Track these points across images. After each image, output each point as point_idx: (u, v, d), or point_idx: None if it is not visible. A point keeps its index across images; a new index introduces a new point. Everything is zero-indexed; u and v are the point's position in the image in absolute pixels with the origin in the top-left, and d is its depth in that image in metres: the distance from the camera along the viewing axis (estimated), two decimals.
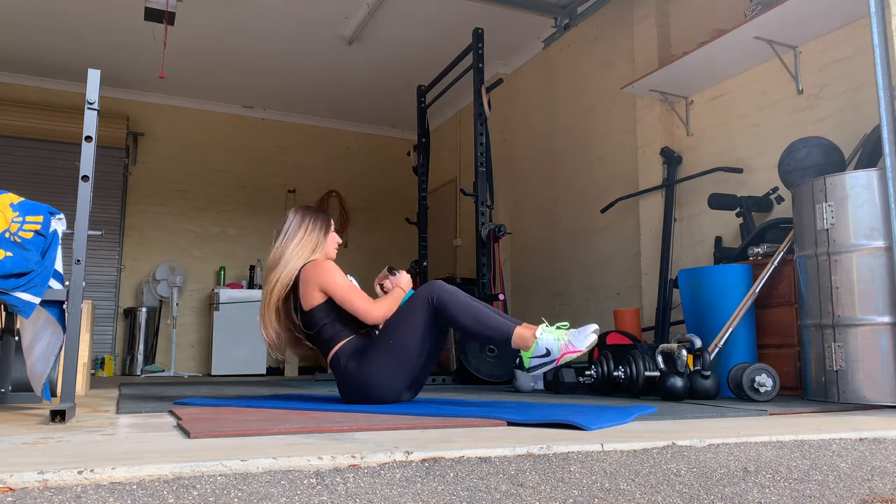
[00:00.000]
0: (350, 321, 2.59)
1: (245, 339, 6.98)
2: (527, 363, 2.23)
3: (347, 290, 2.55)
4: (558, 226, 5.94)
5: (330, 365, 2.58)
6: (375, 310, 2.53)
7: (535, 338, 2.21)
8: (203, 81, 7.24)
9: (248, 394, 3.28)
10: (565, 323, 2.30)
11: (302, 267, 2.62)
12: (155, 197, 7.48)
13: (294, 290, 2.63)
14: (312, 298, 2.57)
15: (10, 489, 1.06)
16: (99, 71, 2.29)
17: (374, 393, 2.48)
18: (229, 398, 2.82)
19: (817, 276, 2.94)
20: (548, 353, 2.19)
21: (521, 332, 2.26)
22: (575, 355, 2.17)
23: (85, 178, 2.21)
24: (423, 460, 1.34)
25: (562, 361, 2.18)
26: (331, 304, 2.57)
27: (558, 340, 2.20)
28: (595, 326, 2.23)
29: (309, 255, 2.65)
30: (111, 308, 7.08)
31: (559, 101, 6.02)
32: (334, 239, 2.76)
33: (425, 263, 5.81)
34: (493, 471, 1.32)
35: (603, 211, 5.15)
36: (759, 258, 3.55)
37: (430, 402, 2.60)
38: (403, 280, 2.70)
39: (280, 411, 2.26)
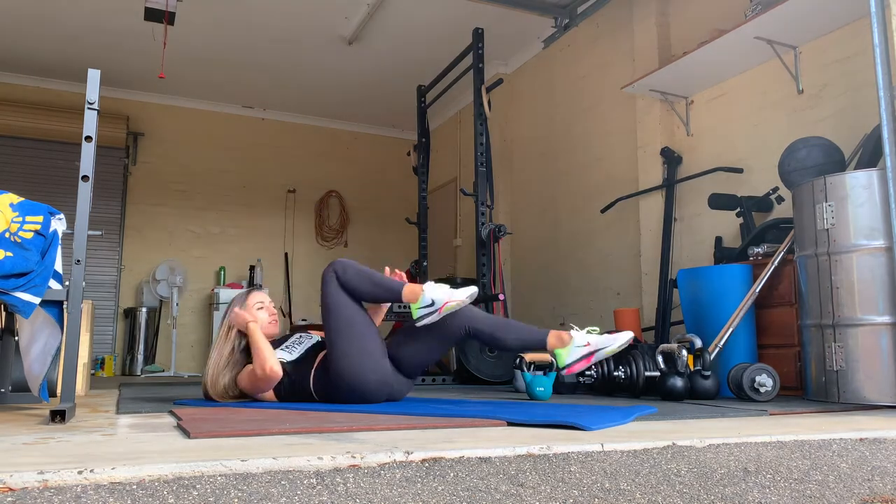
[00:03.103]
0: (302, 363, 2.62)
1: None
2: (415, 314, 2.45)
3: (252, 384, 2.57)
4: (558, 226, 5.94)
5: (315, 391, 2.59)
6: (264, 369, 2.51)
7: (422, 290, 2.44)
8: (203, 81, 7.24)
9: None
10: (445, 284, 2.53)
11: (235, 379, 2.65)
12: (155, 197, 7.48)
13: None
14: (269, 396, 2.62)
15: (10, 489, 1.06)
16: (99, 71, 2.29)
17: (362, 381, 2.48)
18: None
19: (817, 276, 2.94)
20: (432, 304, 2.41)
21: (410, 286, 2.51)
22: (455, 304, 2.39)
23: (85, 178, 2.21)
24: (423, 460, 1.34)
25: (444, 311, 2.39)
26: (277, 387, 2.59)
27: (441, 292, 2.43)
28: (473, 289, 2.44)
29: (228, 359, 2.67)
30: (111, 308, 7.08)
31: (559, 101, 6.02)
32: (252, 312, 2.71)
33: (425, 263, 5.81)
34: (493, 471, 1.32)
35: (603, 211, 5.15)
36: (760, 258, 3.55)
37: (430, 402, 2.60)
38: (242, 318, 2.67)
39: (280, 411, 2.25)
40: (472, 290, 2.42)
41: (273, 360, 2.51)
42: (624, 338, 2.39)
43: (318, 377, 2.57)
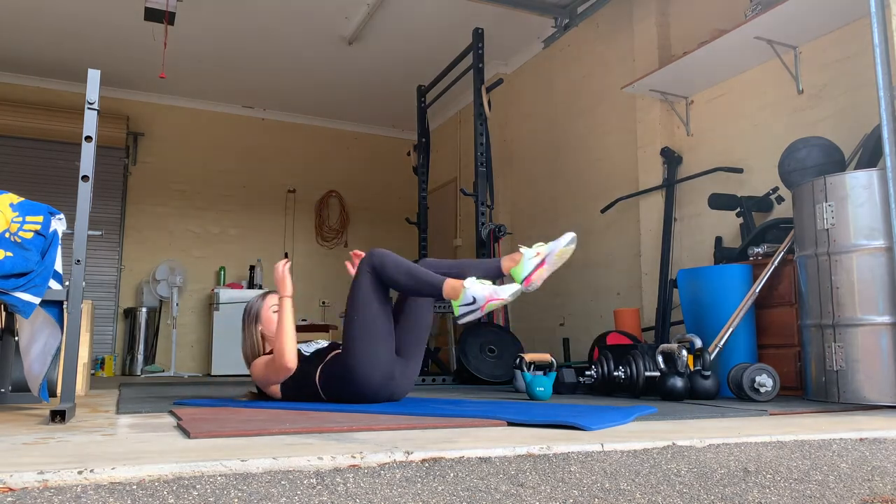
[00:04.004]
0: (312, 359, 2.64)
1: None
2: (456, 311, 2.40)
3: (268, 371, 2.60)
4: (558, 226, 5.93)
5: (321, 387, 2.60)
6: (282, 354, 2.53)
7: (464, 287, 2.38)
8: (203, 81, 7.24)
9: None
10: (486, 281, 2.48)
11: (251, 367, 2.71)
12: (155, 197, 7.48)
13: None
14: (274, 393, 2.66)
15: (10, 489, 1.06)
16: (99, 71, 2.29)
17: (368, 379, 2.49)
18: (229, 398, 2.82)
19: (817, 276, 2.94)
20: (474, 301, 2.35)
21: (450, 282, 2.43)
22: (498, 303, 2.33)
23: (85, 178, 2.21)
24: (424, 460, 1.34)
25: (486, 308, 2.35)
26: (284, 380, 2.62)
27: (484, 290, 2.37)
28: (518, 286, 2.40)
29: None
30: (111, 308, 7.08)
31: (559, 101, 6.02)
32: (268, 314, 2.75)
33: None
34: (493, 471, 1.32)
35: (603, 211, 5.15)
36: (760, 258, 3.55)
37: (430, 402, 2.60)
38: (279, 283, 2.67)
39: (280, 411, 2.25)
40: (516, 288, 2.37)
41: (293, 346, 2.52)
42: (567, 237, 2.48)
43: (324, 372, 2.58)
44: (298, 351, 2.63)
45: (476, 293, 2.35)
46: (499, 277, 2.56)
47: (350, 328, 2.55)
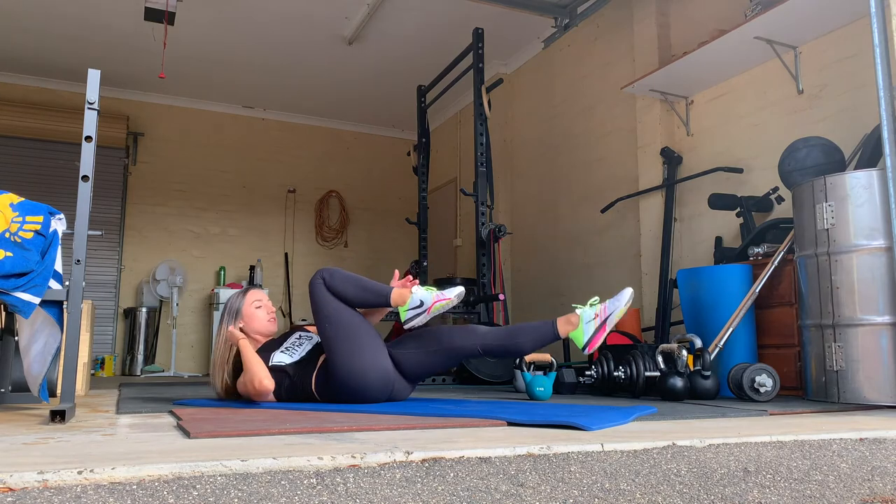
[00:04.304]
0: (305, 364, 2.61)
1: None
2: (403, 317, 2.51)
3: (245, 389, 2.55)
4: (558, 226, 5.94)
5: (317, 392, 2.59)
6: (253, 385, 2.49)
7: (411, 293, 2.50)
8: (203, 81, 7.24)
9: None
10: (432, 287, 2.59)
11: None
12: (155, 197, 7.48)
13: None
14: (268, 399, 2.60)
15: (10, 489, 1.06)
16: (99, 71, 2.30)
17: (364, 381, 2.48)
18: (229, 399, 2.82)
19: (817, 276, 2.94)
20: (421, 304, 2.48)
21: (398, 291, 2.54)
22: (444, 302, 2.47)
23: (85, 178, 2.21)
24: (424, 460, 1.34)
25: (433, 310, 2.47)
26: (280, 381, 2.58)
27: (430, 292, 2.50)
28: (461, 289, 2.49)
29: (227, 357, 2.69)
30: (111, 308, 7.08)
31: (559, 102, 6.02)
32: (250, 309, 2.72)
33: (425, 263, 5.81)
34: (493, 471, 1.32)
35: (603, 211, 5.15)
36: (760, 258, 3.55)
37: (430, 402, 2.60)
38: (230, 337, 2.66)
39: (280, 411, 2.25)
40: (460, 290, 2.48)
41: (262, 376, 2.48)
42: (626, 294, 2.52)
43: (319, 378, 2.56)
44: (277, 366, 2.58)
45: (423, 297, 2.47)
46: (557, 340, 2.56)
47: (327, 340, 2.53)
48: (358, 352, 2.49)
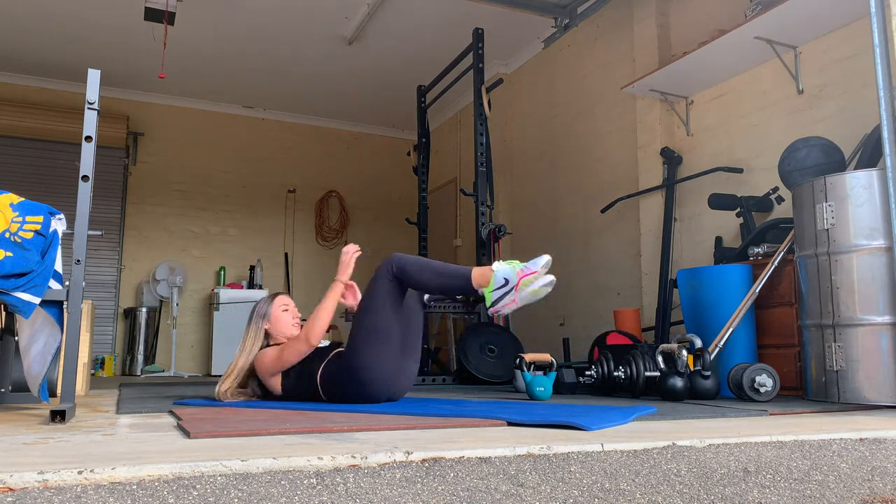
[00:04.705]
0: (314, 357, 2.63)
1: None
2: (489, 300, 2.29)
3: (283, 353, 2.59)
4: (558, 226, 5.94)
5: (321, 385, 2.59)
6: (311, 333, 2.53)
7: (493, 270, 2.29)
8: (203, 81, 7.24)
9: None
10: (514, 260, 2.37)
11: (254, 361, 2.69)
12: (155, 197, 7.48)
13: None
14: (275, 387, 2.64)
15: (10, 489, 1.06)
16: (99, 71, 2.30)
17: (368, 382, 2.49)
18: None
19: (817, 276, 2.94)
20: (506, 283, 2.27)
21: (478, 270, 2.36)
22: (532, 276, 2.24)
23: (85, 178, 2.21)
24: (424, 460, 1.34)
25: (521, 285, 2.25)
26: (287, 371, 2.62)
27: (514, 268, 2.28)
28: (547, 256, 2.30)
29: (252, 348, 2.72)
30: (111, 308, 7.08)
31: (559, 102, 6.02)
32: (278, 312, 2.75)
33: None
34: (493, 471, 1.32)
35: (603, 211, 5.15)
36: (760, 258, 3.55)
37: (430, 402, 2.60)
38: (342, 266, 2.66)
39: (280, 411, 2.25)
40: (546, 259, 2.26)
41: (321, 332, 2.51)
42: (541, 262, 2.29)
43: (326, 370, 2.58)
44: None
45: (507, 273, 2.25)
46: (468, 285, 2.41)
47: (358, 329, 2.52)
48: (379, 361, 2.48)
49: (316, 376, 2.59)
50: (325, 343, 2.77)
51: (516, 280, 2.24)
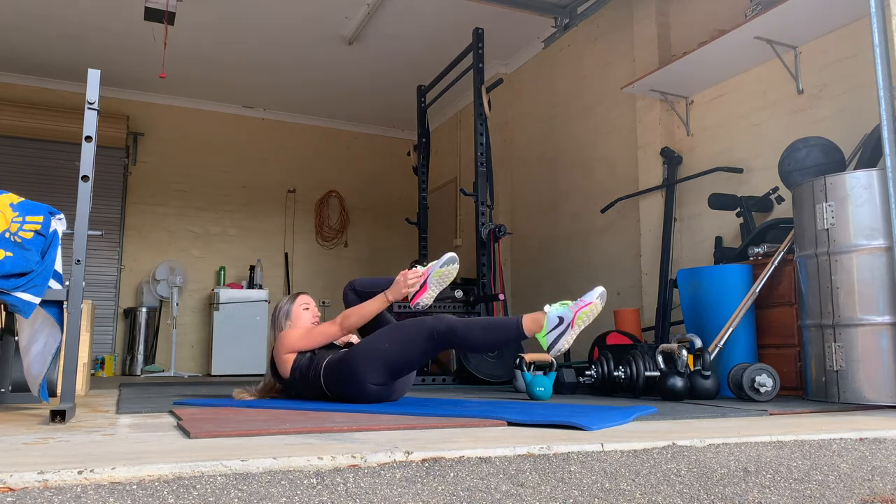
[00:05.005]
0: (322, 350, 2.67)
1: (245, 339, 6.98)
2: (544, 344, 2.23)
3: (313, 331, 2.65)
4: (558, 226, 5.93)
5: (324, 381, 2.60)
6: (346, 320, 2.61)
7: (545, 313, 2.25)
8: (203, 81, 7.24)
9: None
10: (566, 301, 2.33)
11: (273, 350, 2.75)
12: (155, 197, 7.48)
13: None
14: (286, 364, 2.67)
15: (10, 489, 1.06)
16: (99, 71, 2.30)
17: (370, 388, 2.50)
18: (229, 398, 2.82)
19: (817, 276, 2.94)
20: (561, 321, 2.22)
21: (529, 316, 2.31)
22: (588, 307, 2.19)
23: (85, 178, 2.21)
24: (424, 460, 1.34)
25: (577, 321, 2.20)
26: (303, 352, 2.66)
27: (565, 305, 2.24)
28: (601, 288, 2.26)
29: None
30: (111, 308, 7.08)
31: (559, 102, 6.02)
32: (299, 311, 2.80)
33: (426, 263, 5.80)
34: (493, 471, 1.32)
35: (603, 211, 5.15)
36: (760, 258, 3.55)
37: (430, 402, 2.60)
38: (397, 285, 2.67)
39: (280, 411, 2.25)
40: (601, 290, 2.23)
41: (359, 322, 2.60)
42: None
43: (330, 364, 2.59)
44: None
45: (560, 312, 2.21)
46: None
47: (375, 345, 2.50)
48: (383, 372, 2.49)
49: (321, 367, 2.60)
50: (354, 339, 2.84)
51: (571, 315, 2.22)
